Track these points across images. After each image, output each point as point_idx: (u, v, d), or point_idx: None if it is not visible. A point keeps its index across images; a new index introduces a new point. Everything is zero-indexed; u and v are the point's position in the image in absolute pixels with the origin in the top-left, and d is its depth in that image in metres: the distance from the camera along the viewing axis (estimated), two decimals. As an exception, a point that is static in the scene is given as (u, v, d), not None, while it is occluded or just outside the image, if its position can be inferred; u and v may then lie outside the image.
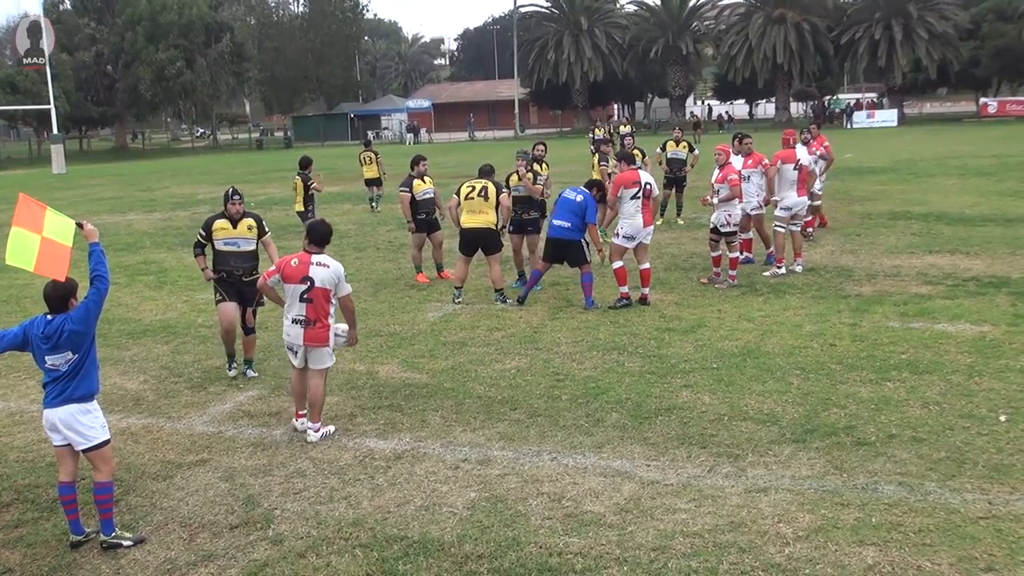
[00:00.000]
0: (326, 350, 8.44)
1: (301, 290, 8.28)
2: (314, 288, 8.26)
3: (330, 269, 8.34)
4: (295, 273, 8.32)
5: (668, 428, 8.20)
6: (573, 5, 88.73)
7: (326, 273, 8.31)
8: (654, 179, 13.22)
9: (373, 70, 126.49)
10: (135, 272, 17.67)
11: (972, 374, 9.26)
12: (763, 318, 11.88)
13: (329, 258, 8.46)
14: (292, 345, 8.45)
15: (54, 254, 6.50)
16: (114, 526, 6.47)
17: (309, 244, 8.49)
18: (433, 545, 6.21)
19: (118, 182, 44.42)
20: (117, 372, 10.83)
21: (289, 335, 8.43)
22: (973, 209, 20.77)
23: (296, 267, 8.33)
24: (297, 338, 8.36)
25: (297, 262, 8.36)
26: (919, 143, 45.95)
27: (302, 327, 8.32)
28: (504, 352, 10.92)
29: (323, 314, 8.31)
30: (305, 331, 8.31)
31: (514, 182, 14.58)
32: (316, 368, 8.47)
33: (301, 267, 8.31)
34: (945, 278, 13.71)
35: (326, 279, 8.29)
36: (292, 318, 8.36)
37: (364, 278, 16.00)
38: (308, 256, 8.38)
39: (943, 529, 6.10)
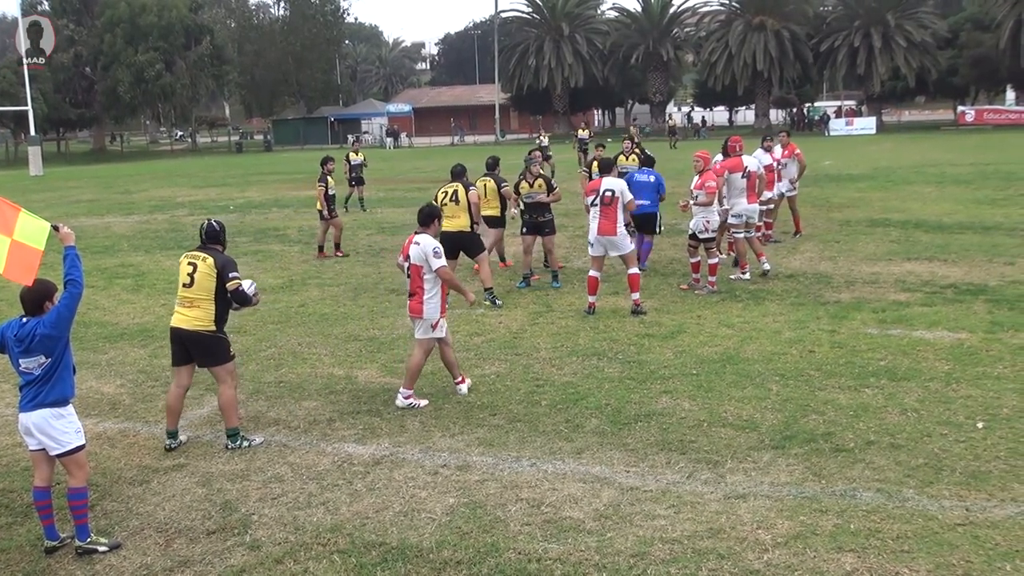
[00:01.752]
0: (426, 321, 9.27)
1: (406, 266, 9.40)
2: (411, 264, 9.29)
3: (420, 247, 9.30)
4: (403, 251, 9.47)
5: (647, 434, 8.20)
6: (554, 11, 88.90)
7: (417, 251, 9.28)
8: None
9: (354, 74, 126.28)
10: (113, 275, 17.55)
11: (950, 381, 9.30)
12: (742, 324, 11.91)
13: (425, 236, 9.40)
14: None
15: (23, 258, 6.43)
16: (89, 531, 6.41)
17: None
18: (412, 551, 6.18)
19: (96, 184, 44.16)
20: (94, 376, 10.75)
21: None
22: (951, 217, 20.89)
23: (405, 246, 9.46)
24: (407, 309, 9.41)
25: (408, 241, 9.45)
26: (897, 151, 46.22)
27: (408, 299, 9.39)
28: (483, 357, 10.90)
29: (418, 287, 9.25)
30: (409, 302, 9.37)
31: (525, 190, 14.75)
32: (416, 337, 9.45)
33: (407, 245, 9.43)
34: (923, 285, 13.78)
35: (417, 256, 9.26)
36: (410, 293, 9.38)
37: (343, 282, 15.96)
38: (413, 235, 9.44)
39: (921, 536, 6.12)
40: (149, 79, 78.33)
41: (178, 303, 8.30)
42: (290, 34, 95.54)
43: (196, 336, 8.19)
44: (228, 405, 8.31)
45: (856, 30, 76.33)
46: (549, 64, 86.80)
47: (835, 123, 75.00)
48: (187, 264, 8.25)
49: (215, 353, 8.29)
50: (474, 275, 14.98)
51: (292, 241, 21.01)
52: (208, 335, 8.19)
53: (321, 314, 13.52)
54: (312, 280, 16.30)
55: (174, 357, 8.46)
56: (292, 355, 11.37)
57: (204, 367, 8.45)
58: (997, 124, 69.54)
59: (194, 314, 8.15)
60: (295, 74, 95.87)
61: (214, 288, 8.14)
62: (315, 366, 10.85)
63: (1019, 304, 12.34)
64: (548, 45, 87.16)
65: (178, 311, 8.27)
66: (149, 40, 78.34)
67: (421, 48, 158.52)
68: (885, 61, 75.49)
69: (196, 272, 8.14)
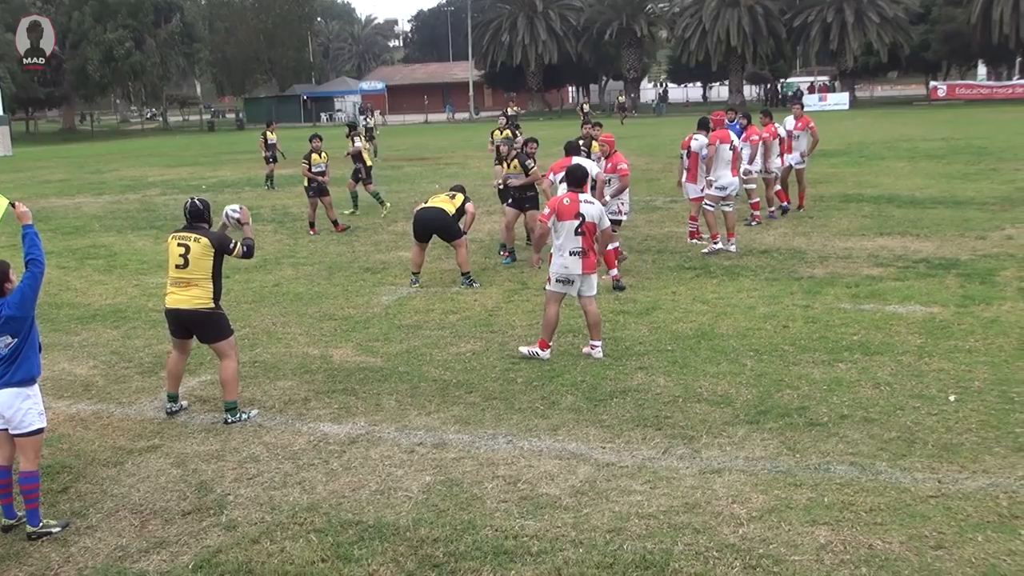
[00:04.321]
0: (596, 277, 9.76)
1: (575, 225, 9.47)
2: (585, 222, 9.51)
3: (595, 206, 9.78)
4: (568, 211, 9.55)
5: (623, 410, 8.23)
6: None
7: (594, 209, 9.69)
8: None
9: (326, 52, 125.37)
10: (84, 256, 17.40)
11: (922, 355, 9.37)
12: (717, 300, 11.95)
13: (592, 197, 9.98)
14: (570, 276, 9.59)
15: None
16: (40, 516, 6.36)
17: (570, 187, 9.84)
18: (388, 529, 6.18)
19: (66, 164, 43.70)
20: (66, 357, 10.66)
21: (567, 267, 9.57)
22: (923, 192, 21.01)
23: (568, 205, 9.59)
24: (576, 268, 9.54)
25: (569, 201, 9.63)
26: (870, 126, 46.38)
27: (580, 257, 9.53)
28: (459, 335, 10.89)
29: (592, 244, 9.64)
30: (583, 260, 9.53)
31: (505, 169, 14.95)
32: (589, 294, 9.73)
33: (572, 205, 9.57)
34: (896, 260, 13.86)
35: (594, 214, 9.62)
36: (570, 251, 9.54)
37: (318, 261, 15.90)
38: (576, 195, 9.69)
39: (894, 508, 6.17)
40: (119, 57, 77.37)
41: (172, 284, 8.32)
42: (261, 11, 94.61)
43: (196, 315, 8.28)
44: (230, 379, 8.39)
45: (829, 6, 76.36)
46: (523, 41, 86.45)
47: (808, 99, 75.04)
48: (177, 245, 8.24)
49: (216, 329, 8.39)
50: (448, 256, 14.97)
51: (265, 220, 20.88)
52: (208, 312, 8.29)
53: (295, 293, 13.47)
54: (286, 259, 16.22)
55: (173, 333, 8.57)
56: (266, 335, 11.32)
57: (206, 343, 8.56)
58: (969, 99, 69.89)
59: (193, 293, 8.22)
60: (267, 52, 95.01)
61: (211, 267, 8.26)
62: (289, 345, 10.81)
63: (990, 278, 12.44)
64: (522, 22, 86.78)
65: (173, 292, 8.31)
66: (118, 18, 77.34)
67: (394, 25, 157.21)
68: (858, 37, 75.61)
69: (190, 253, 8.17)
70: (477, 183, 24.43)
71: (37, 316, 6.50)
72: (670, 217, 18.99)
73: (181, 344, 8.60)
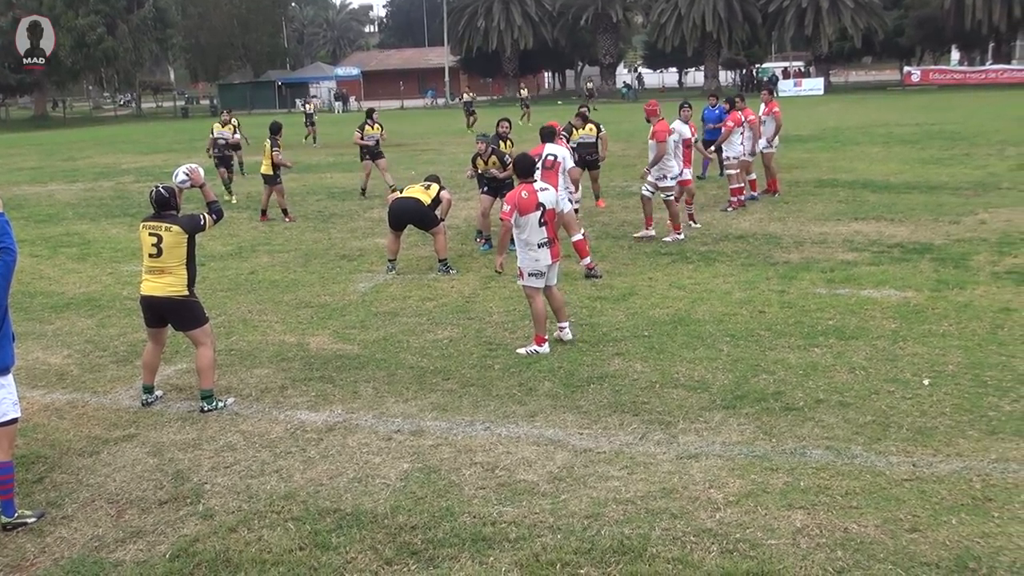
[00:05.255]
0: (559, 264, 9.81)
1: (537, 216, 9.41)
2: (546, 211, 9.46)
3: (549, 191, 9.70)
4: (528, 204, 9.44)
5: (600, 396, 8.25)
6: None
7: (550, 195, 9.64)
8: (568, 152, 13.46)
9: (301, 37, 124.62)
10: (57, 244, 17.27)
11: (897, 339, 9.43)
12: (693, 286, 11.98)
13: (544, 183, 9.90)
14: (541, 268, 9.49)
15: None
16: (15, 507, 6.32)
17: (520, 178, 9.73)
18: (366, 517, 6.17)
19: (38, 152, 43.30)
20: (40, 347, 10.58)
21: (538, 260, 9.46)
22: (897, 176, 21.12)
23: (527, 199, 9.45)
24: (546, 258, 9.48)
25: (527, 194, 9.48)
26: (845, 111, 46.58)
27: (547, 248, 9.47)
28: (436, 322, 10.88)
29: (555, 232, 9.62)
30: (550, 250, 9.48)
31: (481, 167, 14.99)
32: (552, 283, 9.71)
33: (531, 197, 9.46)
34: (870, 245, 13.94)
35: (551, 200, 9.60)
36: (538, 243, 9.45)
37: (294, 248, 15.84)
38: (531, 186, 9.56)
39: (869, 492, 6.22)
40: (91, 43, 76.63)
41: (146, 271, 8.27)
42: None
43: (170, 303, 8.24)
44: (206, 367, 8.35)
45: (804, -9, 76.63)
46: (499, 26, 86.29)
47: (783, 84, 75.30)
48: (148, 235, 8.18)
49: (191, 317, 8.35)
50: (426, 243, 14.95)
51: (240, 207, 20.78)
52: (182, 300, 8.25)
53: (271, 281, 13.41)
54: (261, 247, 16.15)
55: (147, 322, 8.53)
56: (242, 323, 11.27)
57: (181, 331, 8.52)
58: (942, 84, 70.33)
59: (166, 280, 8.18)
60: (241, 37, 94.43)
61: (185, 254, 8.22)
62: (266, 333, 10.77)
63: (964, 262, 12.53)
64: (497, 7, 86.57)
65: (148, 279, 8.26)
66: (90, 3, 76.49)
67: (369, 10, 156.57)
68: (832, 22, 75.85)
69: (162, 243, 8.11)
70: (453, 170, 24.41)
71: (10, 305, 6.43)
72: (646, 203, 18.98)
73: (156, 334, 8.55)
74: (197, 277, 8.50)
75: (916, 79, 73.73)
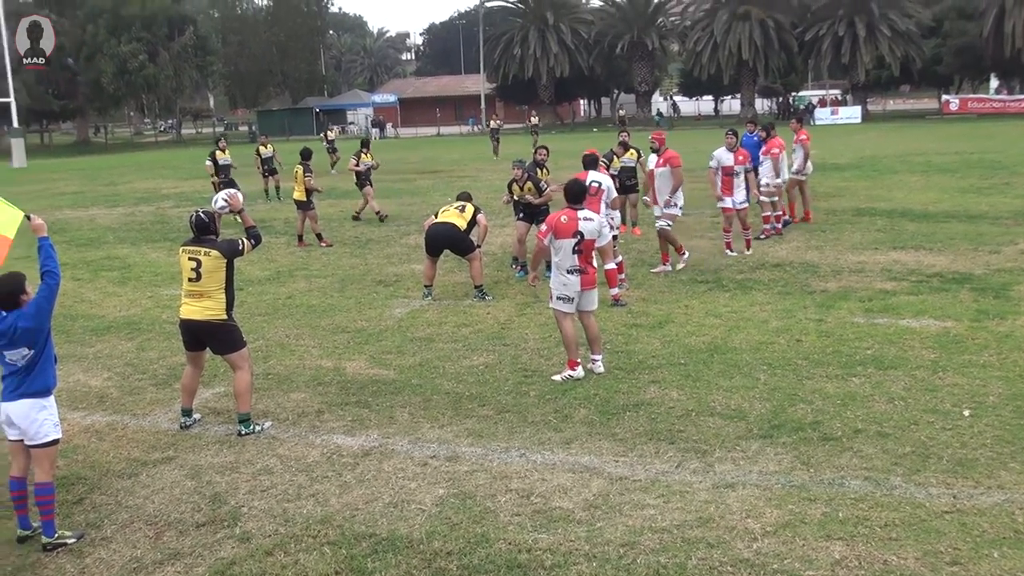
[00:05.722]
0: (596, 292, 9.70)
1: (573, 243, 9.39)
2: (584, 240, 9.42)
3: (593, 222, 9.61)
4: (566, 229, 9.41)
5: (636, 424, 8.22)
6: (539, 0, 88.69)
7: (593, 226, 9.55)
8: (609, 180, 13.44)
9: (338, 64, 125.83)
10: (98, 268, 17.48)
11: (936, 369, 9.34)
12: (730, 314, 11.93)
13: (591, 212, 9.79)
14: (569, 294, 9.49)
15: None
16: (55, 527, 6.39)
17: (569, 203, 9.63)
18: (402, 542, 6.18)
19: (80, 176, 43.90)
20: (81, 369, 10.71)
21: (567, 285, 9.47)
22: (936, 206, 20.96)
23: (566, 224, 9.43)
24: (575, 285, 9.45)
25: (566, 219, 9.45)
26: (882, 140, 46.34)
27: (578, 275, 9.45)
28: (472, 348, 10.90)
29: (591, 261, 9.60)
30: (581, 278, 9.44)
31: (516, 193, 14.93)
32: (588, 309, 9.68)
33: (571, 223, 9.42)
34: (909, 274, 13.83)
35: (593, 231, 9.52)
36: (567, 269, 9.44)
37: (331, 273, 15.93)
38: (574, 212, 9.51)
39: (909, 523, 6.16)
40: (132, 70, 77.89)
41: (185, 295, 8.37)
42: (274, 24, 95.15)
43: (208, 326, 8.32)
44: (244, 391, 8.43)
45: (840, 19, 76.36)
46: (534, 54, 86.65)
47: (820, 112, 75.04)
48: (188, 259, 8.27)
49: (229, 341, 8.43)
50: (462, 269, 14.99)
51: (278, 232, 20.95)
52: (220, 324, 8.33)
53: (308, 305, 13.50)
54: (299, 272, 16.26)
55: (186, 345, 8.62)
56: (280, 347, 11.35)
57: (219, 355, 8.60)
58: (981, 113, 69.74)
59: (205, 304, 8.27)
60: (279, 64, 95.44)
61: (223, 278, 8.30)
62: (303, 358, 10.84)
63: (1004, 292, 12.40)
64: (533, 35, 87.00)
65: (187, 303, 8.35)
66: (132, 30, 77.86)
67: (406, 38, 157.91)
68: (870, 50, 75.56)
69: (201, 267, 8.19)
70: (489, 196, 24.45)
71: (52, 328, 6.55)
72: (682, 230, 18.93)
73: (195, 358, 8.63)
74: (235, 301, 8.59)
75: (955, 108, 73.19)
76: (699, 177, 26.78)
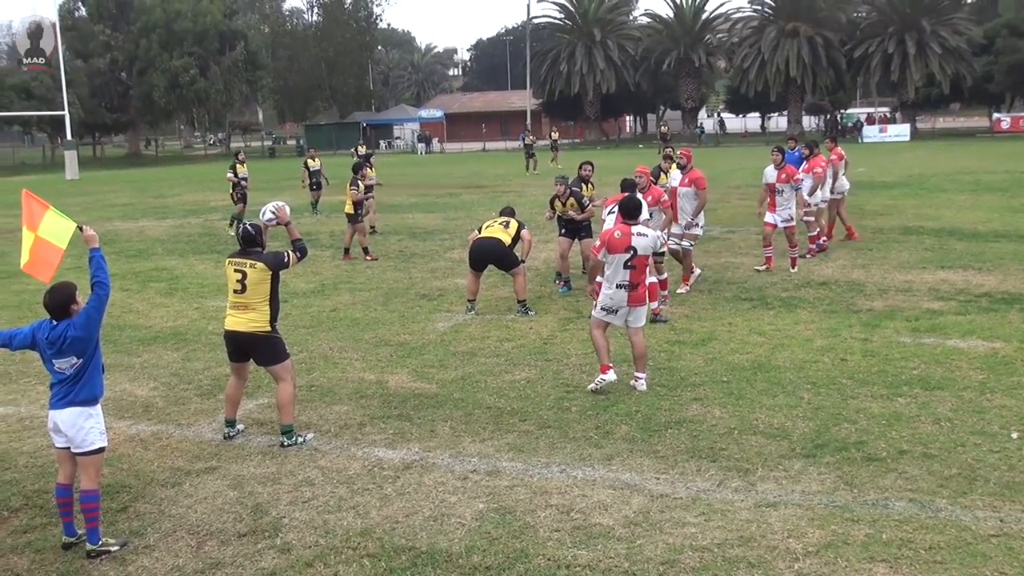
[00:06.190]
0: (644, 309, 9.77)
1: (625, 259, 9.41)
2: (636, 256, 9.44)
3: (647, 238, 9.63)
4: (619, 244, 9.44)
5: (678, 441, 8.18)
6: (586, 16, 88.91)
7: (646, 242, 9.57)
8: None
9: (386, 79, 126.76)
10: (147, 279, 17.71)
11: (984, 391, 9.21)
12: (774, 332, 11.85)
13: (645, 228, 9.79)
14: (615, 307, 9.53)
15: (45, 255, 6.60)
16: (99, 535, 6.46)
17: (624, 218, 9.67)
18: (441, 556, 6.19)
19: (131, 188, 44.57)
20: (127, 378, 10.84)
21: (613, 299, 9.51)
22: (985, 225, 20.70)
23: (620, 239, 9.47)
24: (622, 301, 9.47)
25: (620, 234, 9.51)
26: (931, 158, 45.86)
27: (627, 291, 9.47)
28: (514, 363, 10.91)
29: (642, 278, 9.60)
30: (629, 294, 9.48)
31: (559, 209, 14.93)
32: (637, 326, 9.68)
33: (624, 239, 9.46)
34: (957, 294, 13.66)
35: (647, 247, 9.57)
36: (617, 284, 9.46)
37: (375, 287, 16.02)
38: (628, 228, 9.56)
39: (954, 546, 6.07)
40: (184, 84, 79.10)
41: (230, 307, 8.44)
42: (323, 40, 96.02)
43: (253, 338, 8.38)
44: (286, 402, 8.48)
45: (890, 36, 75.80)
46: (581, 70, 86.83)
47: (868, 130, 74.50)
48: (234, 271, 8.34)
49: (272, 352, 8.48)
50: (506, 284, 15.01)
51: (323, 246, 21.11)
52: (264, 336, 8.38)
53: (352, 319, 13.58)
54: (343, 285, 16.37)
55: (230, 356, 8.70)
56: (323, 359, 11.42)
57: (263, 366, 8.65)
58: (1033, 131, 68.88)
59: (250, 316, 8.33)
60: (328, 79, 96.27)
61: (268, 290, 8.36)
62: (346, 370, 10.90)
63: (1055, 313, 12.21)
64: (580, 51, 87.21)
65: (232, 315, 8.42)
66: (184, 45, 79.09)
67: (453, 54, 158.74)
68: (919, 68, 74.90)
69: (247, 279, 8.25)
70: (533, 211, 24.51)
71: (101, 337, 6.64)
72: (727, 247, 18.91)
73: (239, 368, 8.71)
74: (280, 313, 8.65)
75: (1006, 126, 72.37)
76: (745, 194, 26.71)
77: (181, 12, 78.96)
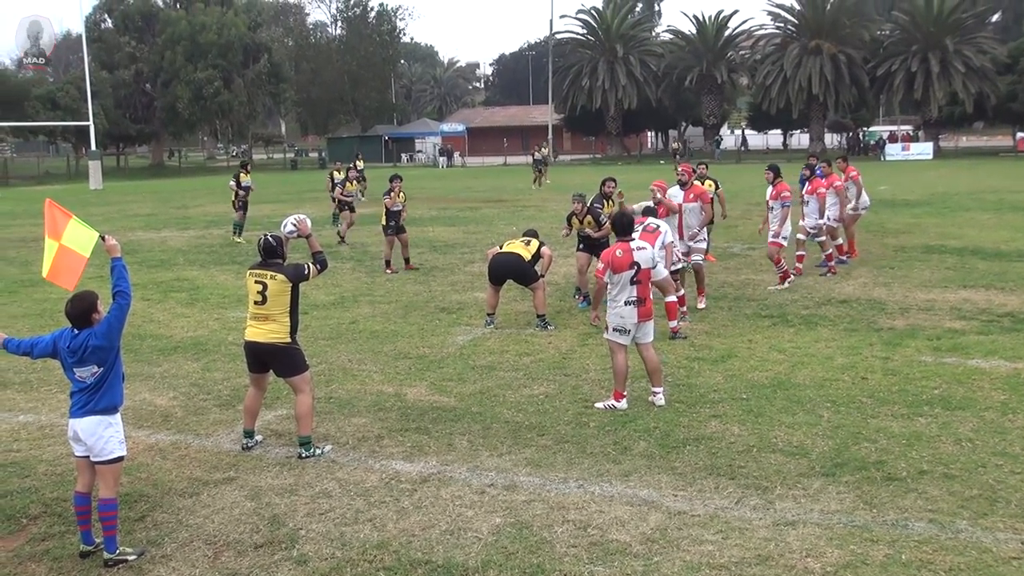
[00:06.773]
0: (651, 324, 9.68)
1: (630, 275, 9.42)
2: (640, 270, 9.46)
3: (647, 251, 9.75)
4: (622, 262, 9.45)
5: (696, 458, 8.15)
6: (609, 32, 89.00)
7: (647, 254, 9.69)
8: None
9: (408, 93, 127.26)
10: (168, 289, 17.80)
11: (1006, 411, 9.14)
12: (794, 349, 11.80)
13: (643, 241, 9.90)
14: (625, 326, 9.47)
15: (68, 263, 6.66)
16: (117, 543, 6.48)
17: (618, 236, 9.69)
18: (457, 570, 6.18)
19: (153, 199, 44.85)
20: (147, 388, 10.89)
21: (623, 317, 9.46)
22: (1009, 244, 20.57)
23: (622, 257, 9.48)
24: (632, 317, 9.43)
25: (621, 252, 9.50)
26: (954, 177, 45.65)
27: (635, 307, 9.44)
28: (532, 377, 10.90)
29: (648, 292, 9.60)
30: (639, 309, 9.44)
31: (576, 226, 15.08)
32: (645, 341, 9.63)
33: (626, 256, 9.47)
34: (979, 313, 13.57)
35: (648, 259, 9.65)
36: (625, 301, 9.43)
37: (394, 300, 16.05)
38: (627, 244, 9.57)
39: (974, 568, 6.01)
40: (208, 96, 79.70)
41: (251, 318, 8.47)
42: (346, 53, 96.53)
43: (272, 349, 8.40)
44: (305, 414, 8.50)
45: (913, 54, 75.57)
46: (603, 85, 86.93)
47: (891, 148, 74.24)
48: (254, 282, 8.37)
49: (292, 364, 8.50)
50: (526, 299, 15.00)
51: (344, 258, 21.17)
52: (284, 347, 8.41)
53: (371, 331, 13.60)
54: (363, 297, 16.41)
55: (250, 367, 8.73)
56: (342, 371, 11.44)
57: (282, 377, 8.67)
58: (1058, 151, 68.46)
59: (269, 327, 8.36)
60: (351, 93, 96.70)
61: (288, 302, 8.39)
62: (365, 383, 10.91)
63: (1079, 334, 12.11)
64: (602, 66, 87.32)
65: (252, 325, 8.45)
66: (208, 57, 79.74)
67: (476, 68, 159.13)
68: (943, 86, 74.60)
69: (267, 290, 8.28)
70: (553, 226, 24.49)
71: (122, 346, 6.67)
72: (747, 264, 18.86)
73: (258, 380, 8.73)
74: (300, 325, 8.68)
75: (1030, 145, 71.91)
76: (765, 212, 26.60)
77: (206, 25, 79.64)
